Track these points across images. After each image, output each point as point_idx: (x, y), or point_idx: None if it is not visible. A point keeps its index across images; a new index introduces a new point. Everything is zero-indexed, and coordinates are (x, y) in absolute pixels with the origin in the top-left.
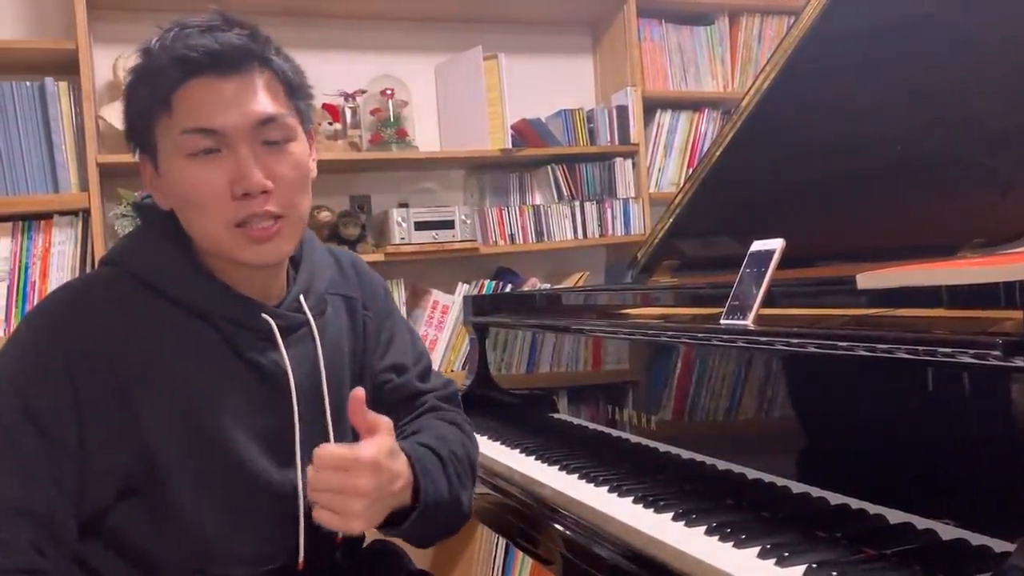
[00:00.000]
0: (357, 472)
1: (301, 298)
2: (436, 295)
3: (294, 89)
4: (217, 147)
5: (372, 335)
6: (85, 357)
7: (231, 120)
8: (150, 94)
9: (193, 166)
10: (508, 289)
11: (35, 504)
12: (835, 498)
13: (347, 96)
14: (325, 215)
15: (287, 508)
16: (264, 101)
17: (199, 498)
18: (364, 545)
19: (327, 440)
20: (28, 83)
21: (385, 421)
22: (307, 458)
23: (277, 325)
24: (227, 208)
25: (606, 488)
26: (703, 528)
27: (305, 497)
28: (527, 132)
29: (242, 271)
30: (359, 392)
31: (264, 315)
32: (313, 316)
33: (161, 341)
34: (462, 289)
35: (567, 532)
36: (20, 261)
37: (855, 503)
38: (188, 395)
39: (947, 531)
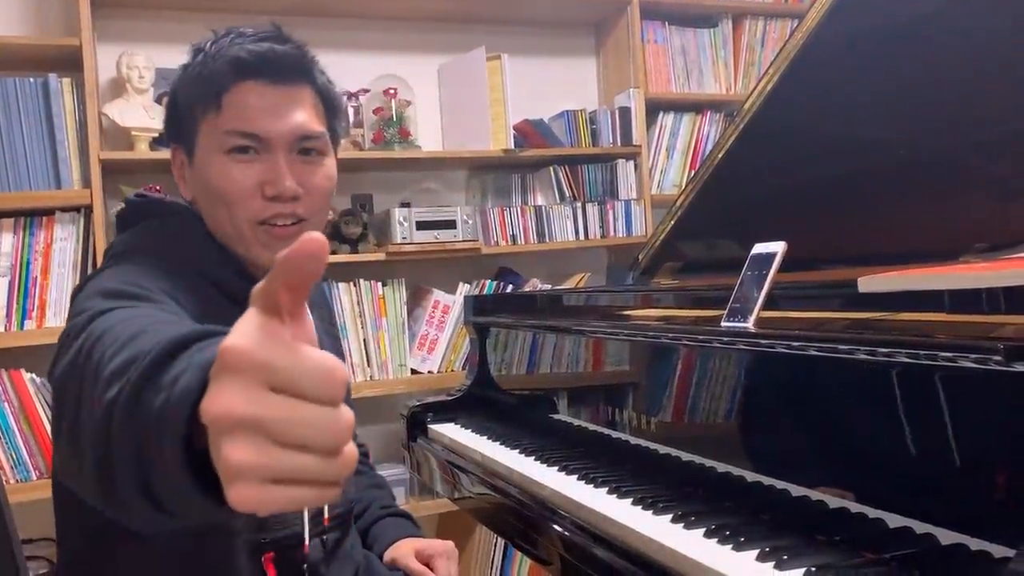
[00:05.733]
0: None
1: None
2: (437, 295)
3: (332, 109)
4: (255, 149)
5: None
6: (172, 288)
7: (275, 128)
8: (202, 92)
9: (230, 163)
10: (509, 289)
11: None
12: (834, 501)
13: (350, 95)
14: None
15: None
16: (306, 116)
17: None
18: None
19: None
20: (31, 79)
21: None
22: None
23: None
24: (254, 205)
25: (605, 489)
26: (702, 530)
27: None
28: (529, 133)
29: (262, 265)
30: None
31: None
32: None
33: (209, 312)
34: (463, 289)
35: (566, 533)
36: (22, 257)
37: (854, 506)
38: None
39: (946, 535)
